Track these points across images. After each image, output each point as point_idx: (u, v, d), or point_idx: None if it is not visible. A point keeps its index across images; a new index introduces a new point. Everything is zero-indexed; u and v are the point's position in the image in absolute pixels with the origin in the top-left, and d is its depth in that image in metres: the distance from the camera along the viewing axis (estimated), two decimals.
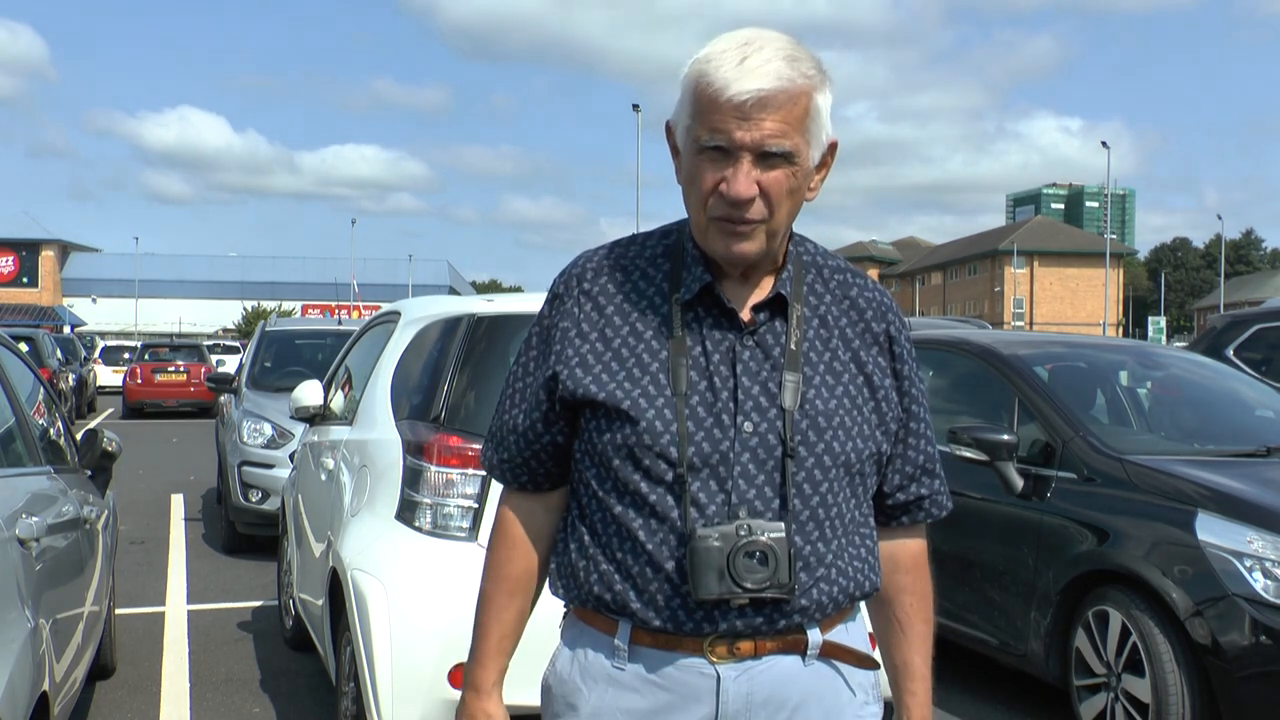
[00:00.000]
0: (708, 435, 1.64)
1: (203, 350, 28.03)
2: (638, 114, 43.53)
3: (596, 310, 1.73)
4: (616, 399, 1.66)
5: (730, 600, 1.61)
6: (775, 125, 1.58)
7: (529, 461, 1.78)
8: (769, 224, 1.63)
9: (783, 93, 1.57)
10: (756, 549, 1.59)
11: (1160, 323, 66.98)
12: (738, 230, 1.63)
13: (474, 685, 1.81)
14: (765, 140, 1.58)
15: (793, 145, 1.59)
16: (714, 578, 1.59)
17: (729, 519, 1.61)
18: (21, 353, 4.77)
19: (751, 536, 1.59)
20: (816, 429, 1.67)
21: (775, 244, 1.68)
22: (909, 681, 1.85)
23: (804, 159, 1.62)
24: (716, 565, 1.58)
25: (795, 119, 1.59)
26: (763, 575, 1.59)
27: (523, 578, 1.81)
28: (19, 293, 75.84)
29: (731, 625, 1.63)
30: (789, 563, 1.60)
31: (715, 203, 1.62)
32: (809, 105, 1.61)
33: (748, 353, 1.68)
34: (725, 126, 1.58)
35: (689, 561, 1.60)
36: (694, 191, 1.65)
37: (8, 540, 3.19)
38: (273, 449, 8.80)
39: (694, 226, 1.70)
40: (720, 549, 1.59)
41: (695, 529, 1.60)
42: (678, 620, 1.64)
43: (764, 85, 1.56)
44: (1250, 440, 5.38)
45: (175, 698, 5.37)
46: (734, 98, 1.56)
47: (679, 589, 1.63)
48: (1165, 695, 4.36)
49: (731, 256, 1.65)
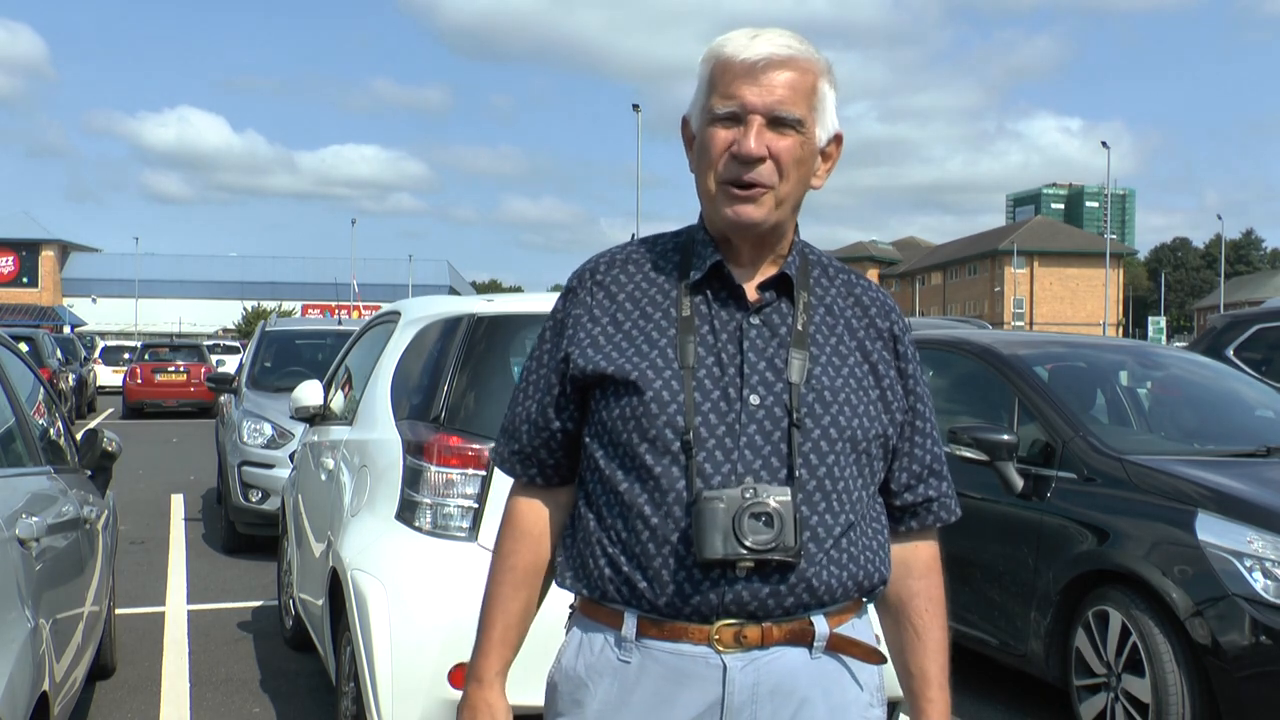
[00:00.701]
0: (714, 407, 1.66)
1: (203, 350, 28.03)
2: (638, 114, 43.55)
3: (609, 298, 1.77)
4: (625, 371, 1.69)
5: (735, 564, 1.61)
6: (785, 92, 1.66)
7: (539, 451, 1.80)
8: (778, 190, 1.68)
9: (792, 60, 1.67)
10: (763, 511, 1.60)
11: (1160, 323, 66.98)
12: (748, 195, 1.67)
13: (476, 676, 1.82)
14: (776, 105, 1.65)
15: (801, 114, 1.67)
16: (719, 537, 1.59)
17: (735, 485, 1.63)
18: (21, 353, 4.77)
19: (758, 499, 1.60)
20: (823, 402, 1.69)
21: (782, 215, 1.71)
22: (927, 689, 1.84)
23: (811, 132, 1.69)
24: (721, 526, 1.60)
25: (804, 90, 1.67)
26: (768, 537, 1.60)
27: (529, 570, 1.81)
28: (19, 293, 75.83)
29: (738, 596, 1.63)
30: (795, 526, 1.61)
31: (726, 165, 1.68)
32: (816, 84, 1.69)
33: (754, 330, 1.71)
34: (738, 91, 1.66)
35: (694, 522, 1.61)
36: (705, 159, 1.71)
37: (8, 540, 3.19)
38: (273, 449, 8.81)
39: (704, 198, 1.74)
40: (725, 509, 1.60)
41: (701, 492, 1.62)
42: (684, 593, 1.64)
43: (776, 51, 1.66)
44: (1250, 440, 5.38)
45: (175, 698, 5.37)
46: (747, 59, 1.66)
47: (684, 560, 1.63)
48: (1165, 695, 4.36)
49: (740, 221, 1.69)
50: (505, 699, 1.82)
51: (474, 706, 1.81)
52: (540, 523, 1.82)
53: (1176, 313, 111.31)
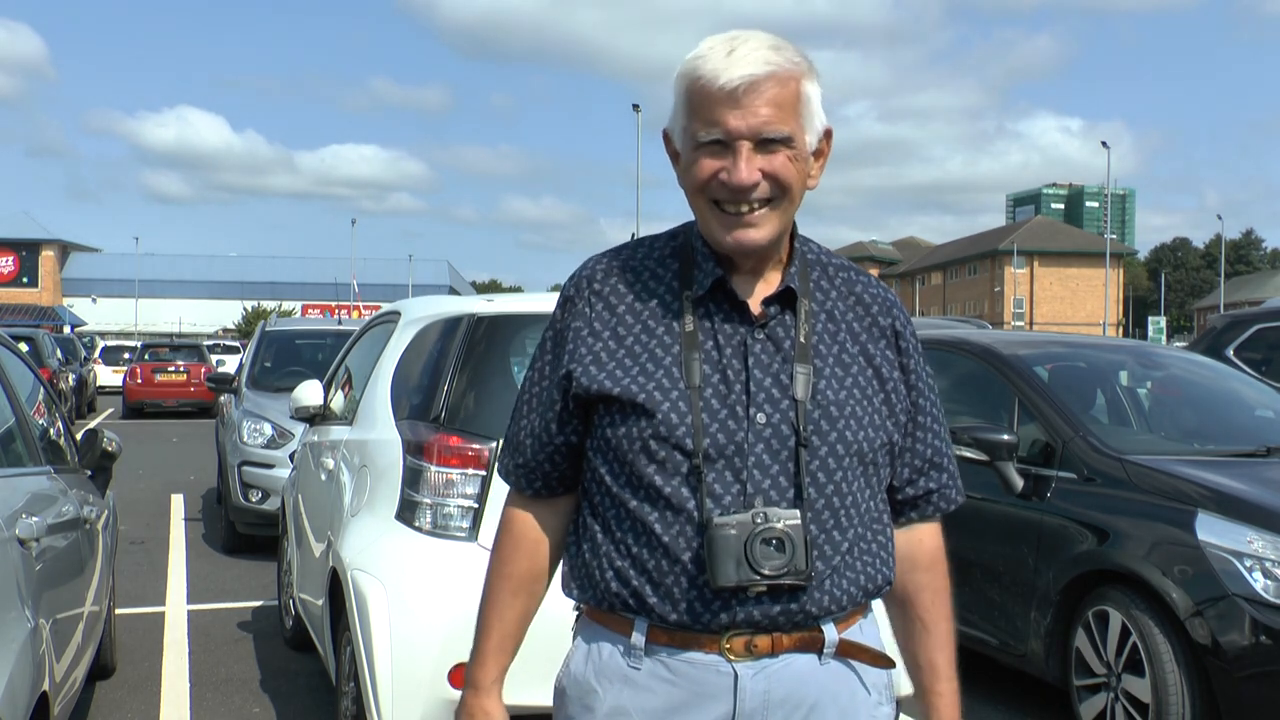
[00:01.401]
0: (722, 426, 1.65)
1: (203, 350, 28.03)
2: (638, 114, 43.56)
3: (608, 310, 1.75)
4: (631, 393, 1.67)
5: (748, 589, 1.61)
6: (769, 111, 1.61)
7: (543, 465, 1.79)
8: (780, 203, 1.66)
9: (772, 78, 1.61)
10: (773, 536, 1.60)
11: (1160, 323, 66.98)
12: (744, 219, 1.65)
13: (473, 683, 1.82)
14: (762, 127, 1.61)
15: (790, 130, 1.63)
16: (732, 565, 1.60)
17: (745, 508, 1.62)
18: (21, 353, 4.77)
19: (768, 524, 1.60)
20: (829, 418, 1.68)
21: (783, 225, 1.69)
22: (935, 682, 1.85)
23: (801, 144, 1.66)
24: (734, 553, 1.59)
25: (788, 104, 1.63)
26: (780, 561, 1.60)
27: (526, 577, 1.81)
28: (19, 293, 75.85)
29: (749, 615, 1.63)
30: (805, 549, 1.61)
31: (718, 189, 1.64)
32: (799, 90, 1.64)
33: (759, 346, 1.70)
34: (719, 117, 1.62)
35: (707, 550, 1.61)
36: (695, 185, 1.67)
37: (8, 540, 3.19)
38: (273, 449, 8.81)
39: (701, 223, 1.72)
40: (737, 536, 1.60)
41: (712, 518, 1.61)
42: (695, 612, 1.64)
43: (754, 70, 1.60)
44: (1250, 440, 5.38)
45: (175, 698, 5.37)
46: (725, 85, 1.60)
47: (696, 580, 1.63)
48: (1165, 695, 4.36)
49: (741, 246, 1.67)
50: (502, 705, 1.82)
51: (471, 714, 1.82)
52: (537, 530, 1.81)
53: (1176, 313, 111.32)
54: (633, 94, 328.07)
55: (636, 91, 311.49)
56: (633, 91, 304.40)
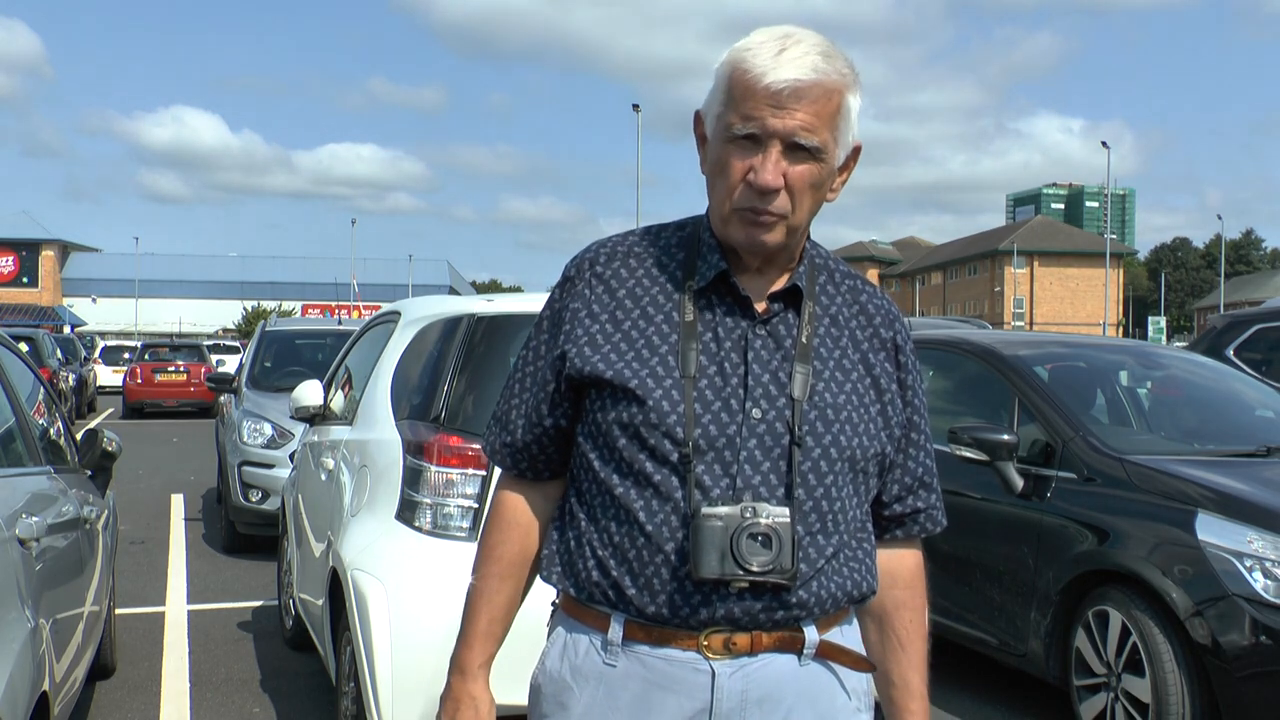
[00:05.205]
0: (715, 419, 1.64)
1: (203, 350, 28.02)
2: (637, 114, 43.48)
3: (608, 293, 1.73)
4: (624, 378, 1.66)
5: (730, 583, 1.59)
6: (807, 118, 1.59)
7: (530, 446, 1.78)
8: (789, 219, 1.64)
9: (818, 85, 1.59)
10: (760, 531, 1.58)
11: (1160, 323, 66.94)
12: (760, 221, 1.64)
13: (460, 668, 1.80)
14: (796, 131, 1.59)
15: (821, 141, 1.61)
16: (715, 557, 1.57)
17: (734, 501, 1.60)
18: (21, 353, 4.77)
19: (756, 518, 1.58)
20: (825, 420, 1.67)
21: (794, 238, 1.69)
22: (908, 700, 1.84)
23: (830, 156, 1.64)
24: (719, 545, 1.57)
25: (827, 115, 1.61)
26: (766, 558, 1.58)
27: (515, 561, 1.79)
28: (19, 293, 75.85)
29: (729, 611, 1.61)
30: (792, 547, 1.59)
31: (742, 193, 1.63)
32: (841, 103, 1.62)
33: (759, 341, 1.68)
34: (759, 114, 1.59)
35: (691, 540, 1.59)
36: (721, 179, 1.66)
37: (8, 540, 3.18)
38: (273, 449, 8.81)
39: (715, 214, 1.70)
40: (724, 528, 1.58)
41: (699, 508, 1.59)
42: (674, 605, 1.62)
43: (801, 76, 1.58)
44: (1250, 440, 5.38)
45: (175, 698, 5.37)
46: (770, 85, 1.58)
47: (677, 572, 1.61)
48: (1165, 695, 4.36)
49: (753, 245, 1.66)
50: (489, 691, 1.80)
51: (456, 699, 1.79)
52: (528, 514, 1.79)
53: (1176, 313, 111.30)
54: (631, 93, 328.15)
55: (635, 90, 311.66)
56: (632, 90, 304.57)
